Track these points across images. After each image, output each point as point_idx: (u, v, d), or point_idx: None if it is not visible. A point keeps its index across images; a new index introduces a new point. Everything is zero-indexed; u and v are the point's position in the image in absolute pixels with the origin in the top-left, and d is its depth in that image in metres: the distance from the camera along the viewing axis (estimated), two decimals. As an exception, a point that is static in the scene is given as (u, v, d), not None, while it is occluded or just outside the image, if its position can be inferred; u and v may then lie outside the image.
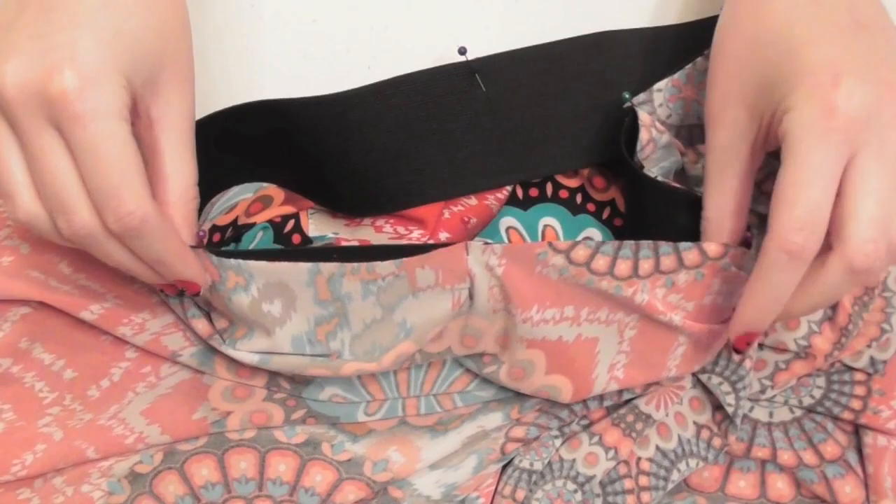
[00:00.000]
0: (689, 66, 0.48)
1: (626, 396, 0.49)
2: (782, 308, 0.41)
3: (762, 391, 0.50)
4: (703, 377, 0.49)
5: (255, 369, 0.48)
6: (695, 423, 0.51)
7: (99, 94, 0.37)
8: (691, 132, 0.50)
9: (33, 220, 0.40)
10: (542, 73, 0.49)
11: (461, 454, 0.48)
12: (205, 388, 0.48)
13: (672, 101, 0.49)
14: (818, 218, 0.38)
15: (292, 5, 0.50)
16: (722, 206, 0.43)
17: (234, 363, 0.48)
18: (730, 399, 0.49)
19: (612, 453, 0.49)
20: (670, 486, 0.50)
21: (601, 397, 0.49)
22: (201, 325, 0.46)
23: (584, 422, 0.50)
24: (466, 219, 0.49)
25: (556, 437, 0.49)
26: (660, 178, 0.47)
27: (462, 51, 0.48)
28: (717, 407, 0.50)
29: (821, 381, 0.51)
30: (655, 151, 0.47)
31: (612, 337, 0.45)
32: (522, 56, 0.49)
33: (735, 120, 0.42)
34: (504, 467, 0.49)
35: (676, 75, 0.48)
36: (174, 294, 0.45)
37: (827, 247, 0.39)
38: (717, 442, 0.50)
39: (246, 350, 0.46)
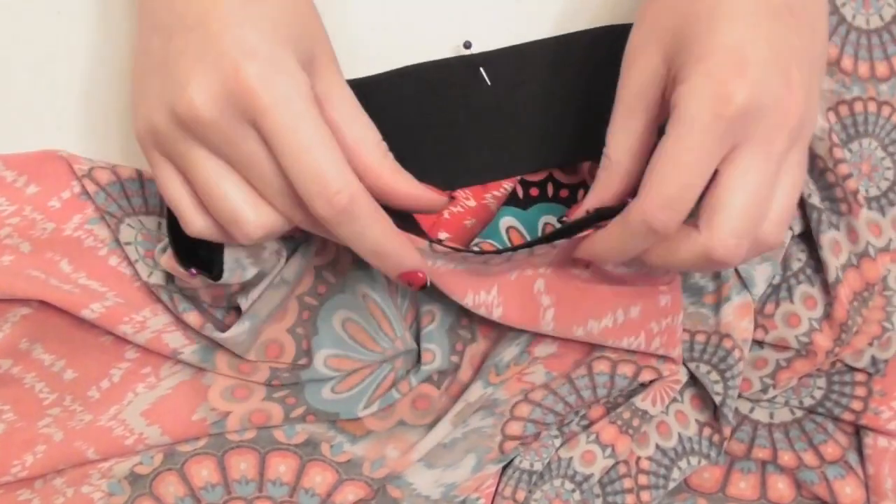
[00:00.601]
0: None
1: (620, 385, 0.49)
2: (623, 260, 0.42)
3: (764, 390, 0.50)
4: (692, 365, 0.50)
5: (255, 365, 0.47)
6: (697, 420, 0.51)
7: (284, 79, 0.37)
8: None
9: (270, 229, 0.39)
10: (547, 67, 0.49)
11: (458, 452, 0.48)
12: (204, 389, 0.48)
13: None
14: (686, 200, 0.38)
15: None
16: (625, 147, 0.42)
17: (234, 359, 0.47)
18: (718, 388, 0.49)
19: (609, 451, 0.49)
20: (671, 485, 0.50)
21: (595, 390, 0.49)
22: (193, 317, 0.46)
23: (584, 422, 0.50)
24: (467, 220, 0.49)
25: (555, 436, 0.49)
26: None
27: (467, 45, 0.48)
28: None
29: (821, 382, 0.51)
30: None
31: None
32: (528, 50, 0.49)
33: (648, 64, 0.41)
34: (504, 468, 0.49)
35: None
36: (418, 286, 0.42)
37: (694, 222, 0.39)
38: (717, 439, 0.50)
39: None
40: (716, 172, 0.38)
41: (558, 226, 0.48)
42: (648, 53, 0.41)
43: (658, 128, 0.42)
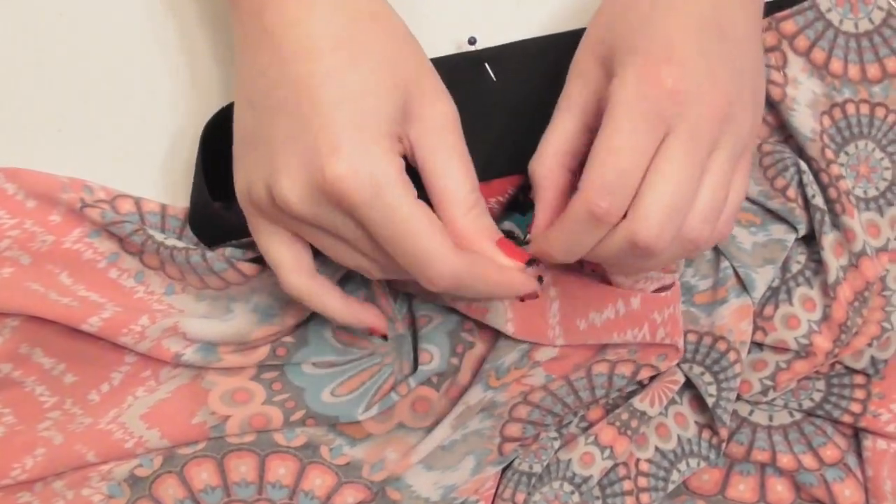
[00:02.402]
0: None
1: (617, 384, 0.49)
2: (577, 258, 0.42)
3: (763, 392, 0.50)
4: (685, 367, 0.50)
5: (256, 346, 0.48)
6: (696, 422, 0.51)
7: (371, 172, 0.37)
8: None
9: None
10: (552, 63, 0.49)
11: (457, 454, 0.48)
12: (204, 393, 0.48)
13: None
14: (626, 185, 0.38)
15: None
16: (557, 143, 0.43)
17: (240, 347, 0.47)
18: (711, 390, 0.49)
19: (607, 452, 0.49)
20: (670, 486, 0.50)
21: (593, 390, 0.49)
22: (231, 274, 0.46)
23: (583, 424, 0.50)
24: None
25: (554, 438, 0.49)
26: None
27: (472, 41, 0.48)
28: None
29: (820, 385, 0.51)
30: None
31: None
32: (532, 46, 0.49)
33: (589, 72, 0.42)
34: (504, 470, 0.49)
35: None
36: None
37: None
38: (716, 440, 0.50)
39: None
40: None
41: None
42: (588, 63, 0.42)
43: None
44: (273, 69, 0.39)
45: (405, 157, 0.40)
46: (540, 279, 0.42)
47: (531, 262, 0.41)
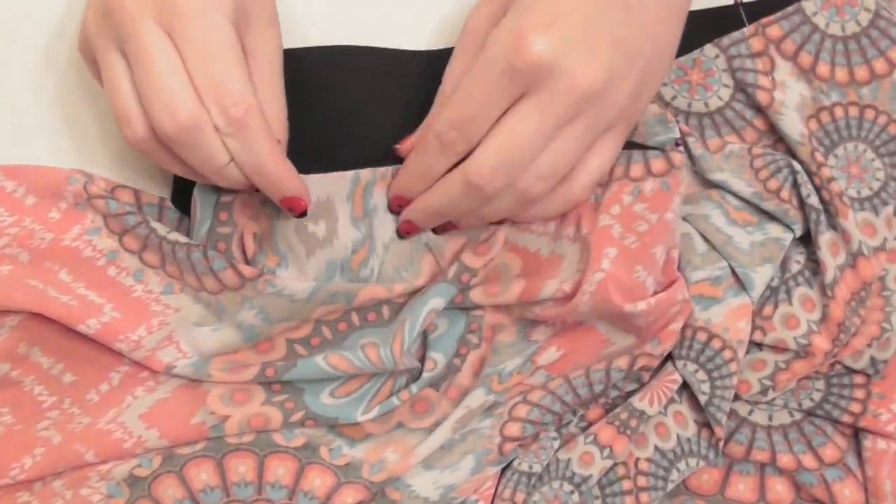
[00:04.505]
0: (697, 51, 0.50)
1: (615, 378, 0.49)
2: (429, 185, 0.44)
3: (763, 392, 0.50)
4: (679, 364, 0.50)
5: (246, 365, 0.48)
6: (695, 421, 0.51)
7: (205, 5, 0.39)
8: (701, 121, 0.51)
9: (143, 142, 0.41)
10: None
11: (457, 453, 0.48)
12: (203, 393, 0.48)
13: (677, 82, 0.51)
14: (471, 128, 0.41)
15: (297, 6, 0.51)
16: (456, 80, 0.45)
17: (229, 363, 0.48)
18: (704, 388, 0.49)
19: (607, 452, 0.49)
20: (669, 486, 0.50)
21: (592, 387, 0.49)
22: (229, 275, 0.47)
23: (582, 423, 0.50)
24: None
25: (554, 438, 0.49)
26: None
27: None
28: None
29: (820, 385, 0.51)
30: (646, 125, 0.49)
31: (575, 256, 0.47)
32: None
33: (491, 11, 0.45)
34: (503, 470, 0.49)
35: (682, 59, 0.51)
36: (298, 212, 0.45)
37: None
38: (715, 440, 0.50)
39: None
40: None
41: None
42: (485, 13, 0.45)
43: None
44: None
45: None
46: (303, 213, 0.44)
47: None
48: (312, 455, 0.48)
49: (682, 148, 0.48)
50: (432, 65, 0.48)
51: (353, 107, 0.49)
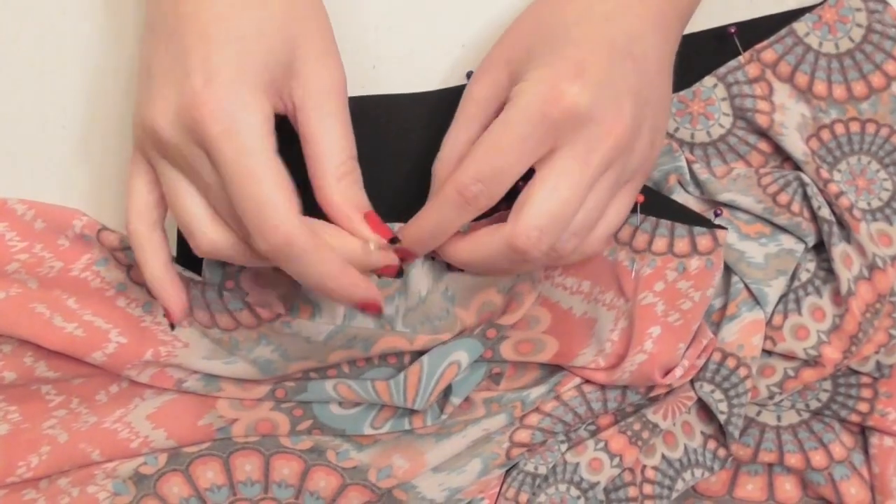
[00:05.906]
0: (697, 84, 0.51)
1: (631, 399, 0.49)
2: (442, 241, 0.42)
3: (770, 397, 0.50)
4: (696, 385, 0.49)
5: (258, 382, 0.47)
6: (702, 432, 0.50)
7: (237, 110, 0.37)
8: (706, 151, 0.51)
9: (218, 248, 0.40)
10: None
11: (465, 457, 0.48)
12: (213, 398, 0.48)
13: (679, 115, 0.51)
14: (498, 182, 0.39)
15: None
16: (459, 146, 0.43)
17: (240, 380, 0.48)
18: (722, 407, 0.49)
19: (616, 460, 0.49)
20: (674, 495, 0.49)
21: (605, 403, 0.49)
22: (245, 315, 0.46)
23: (592, 427, 0.50)
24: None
25: (562, 441, 0.49)
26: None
27: (470, 75, 0.50)
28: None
29: (827, 385, 0.51)
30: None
31: (608, 323, 0.47)
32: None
33: (496, 79, 0.43)
34: (508, 470, 0.49)
35: (682, 92, 0.50)
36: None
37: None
38: (721, 452, 0.50)
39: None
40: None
41: None
42: (497, 69, 0.43)
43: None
44: (166, 2, 0.40)
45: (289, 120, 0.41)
46: (400, 273, 0.42)
47: (394, 240, 0.41)
48: (318, 458, 0.48)
49: (721, 217, 0.48)
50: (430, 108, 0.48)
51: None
